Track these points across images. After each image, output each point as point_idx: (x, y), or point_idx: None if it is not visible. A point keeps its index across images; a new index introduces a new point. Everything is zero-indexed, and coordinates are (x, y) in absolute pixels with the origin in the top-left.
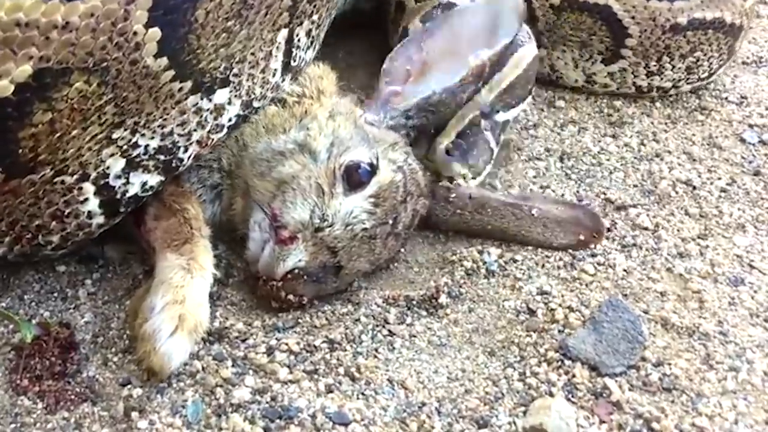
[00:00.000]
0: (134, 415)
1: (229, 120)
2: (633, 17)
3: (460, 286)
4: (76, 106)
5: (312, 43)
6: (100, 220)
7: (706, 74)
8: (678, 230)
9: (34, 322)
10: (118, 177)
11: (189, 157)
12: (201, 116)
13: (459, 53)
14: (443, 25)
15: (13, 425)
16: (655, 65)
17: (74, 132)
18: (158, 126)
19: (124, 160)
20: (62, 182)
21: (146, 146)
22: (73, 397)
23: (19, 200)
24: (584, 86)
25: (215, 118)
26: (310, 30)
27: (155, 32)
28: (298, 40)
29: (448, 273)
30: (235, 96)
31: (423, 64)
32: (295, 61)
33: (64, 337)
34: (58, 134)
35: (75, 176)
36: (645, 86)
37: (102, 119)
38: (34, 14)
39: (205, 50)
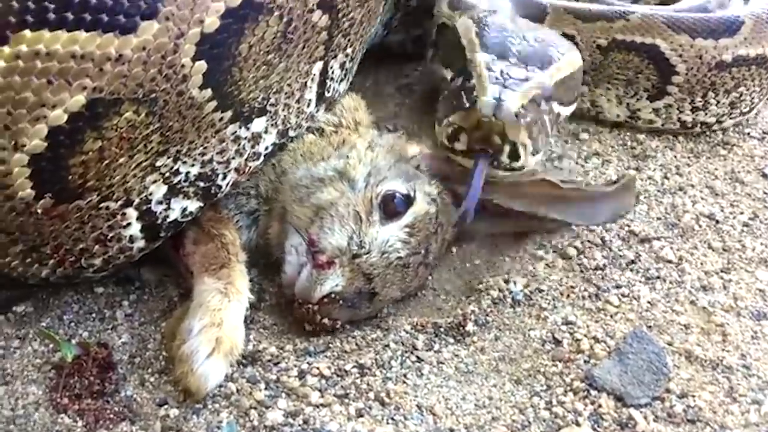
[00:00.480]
0: None
1: (266, 148)
2: (680, 56)
3: (487, 315)
4: (125, 135)
5: (345, 75)
6: (141, 244)
7: (748, 109)
8: (701, 263)
9: (73, 341)
10: (160, 203)
11: (227, 184)
12: (239, 144)
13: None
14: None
15: None
16: (700, 101)
17: (121, 160)
18: (199, 154)
19: (166, 186)
20: (107, 208)
21: (187, 173)
22: (112, 416)
23: (65, 225)
24: (626, 121)
25: (252, 146)
26: (344, 63)
27: (201, 65)
28: (332, 72)
29: (475, 301)
30: (272, 125)
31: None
32: (329, 92)
33: (102, 357)
34: (106, 162)
35: (119, 202)
36: (689, 121)
37: (148, 147)
38: (89, 47)
39: (246, 82)
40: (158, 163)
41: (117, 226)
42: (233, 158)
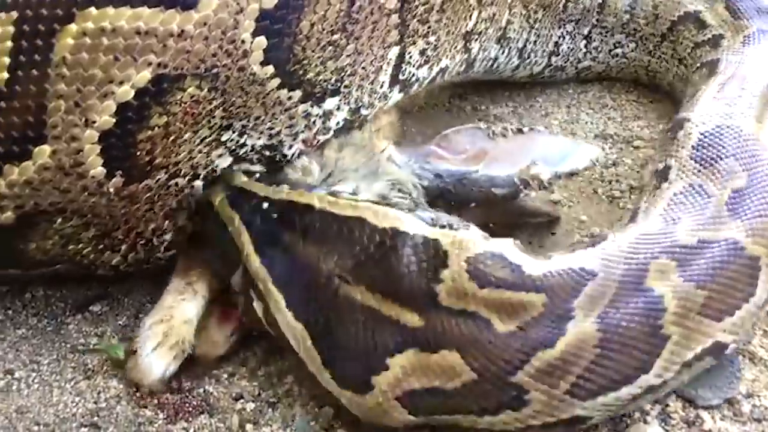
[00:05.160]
0: (249, 427)
1: (337, 123)
2: None
3: None
4: (189, 110)
5: (427, 62)
6: None
7: None
8: None
9: None
10: (225, 170)
11: (292, 154)
12: (309, 120)
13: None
14: (524, 135)
15: None
16: None
17: (186, 135)
18: (267, 128)
19: (232, 157)
20: (176, 184)
21: (253, 145)
22: (190, 409)
23: (136, 207)
24: None
25: (324, 122)
26: (425, 49)
27: (261, 41)
28: (410, 57)
29: None
30: (344, 103)
31: (482, 151)
32: (403, 74)
33: None
34: (172, 137)
35: (187, 177)
36: None
37: (212, 122)
38: (153, 23)
39: (311, 61)
40: (224, 138)
41: (185, 199)
42: (302, 131)
